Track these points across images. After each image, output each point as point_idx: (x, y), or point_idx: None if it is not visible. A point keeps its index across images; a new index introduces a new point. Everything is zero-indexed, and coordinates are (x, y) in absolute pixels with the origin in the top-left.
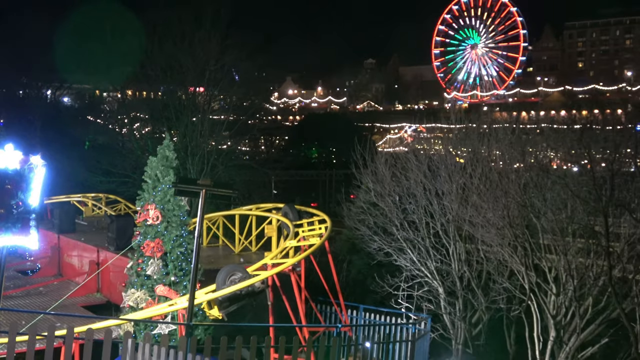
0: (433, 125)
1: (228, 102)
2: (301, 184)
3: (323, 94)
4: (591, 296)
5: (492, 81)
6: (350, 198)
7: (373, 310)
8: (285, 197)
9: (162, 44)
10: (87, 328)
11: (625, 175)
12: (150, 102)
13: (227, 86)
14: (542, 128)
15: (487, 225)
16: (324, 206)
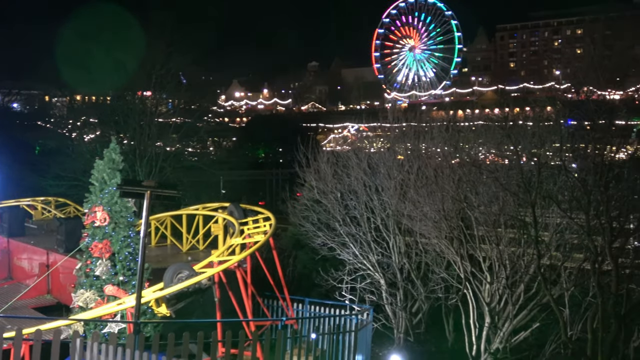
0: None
1: (176, 105)
2: (249, 184)
3: (269, 96)
4: (523, 283)
5: (429, 82)
6: (297, 196)
7: (318, 303)
8: (233, 197)
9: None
10: (36, 329)
11: (552, 168)
12: (99, 107)
13: (174, 90)
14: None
15: (425, 218)
16: (271, 204)
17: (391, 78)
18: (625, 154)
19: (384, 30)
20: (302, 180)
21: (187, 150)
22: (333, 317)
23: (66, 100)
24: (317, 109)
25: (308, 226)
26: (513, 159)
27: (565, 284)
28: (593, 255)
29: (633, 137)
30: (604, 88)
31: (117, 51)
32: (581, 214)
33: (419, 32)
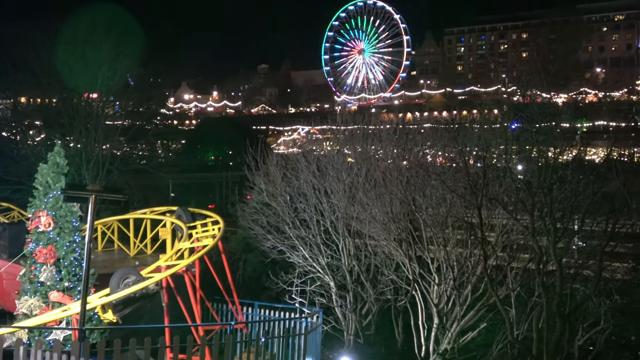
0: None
1: (123, 107)
2: (198, 187)
3: (218, 99)
4: (470, 284)
5: (378, 84)
6: (247, 199)
7: (268, 307)
8: (182, 200)
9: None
10: None
11: (498, 170)
12: (44, 109)
13: (121, 92)
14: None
15: (373, 221)
16: (221, 207)
17: (341, 81)
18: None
19: (334, 33)
20: (252, 184)
21: (135, 153)
22: (283, 320)
23: (10, 102)
24: (267, 112)
25: (257, 229)
26: (460, 161)
27: (511, 285)
28: (538, 256)
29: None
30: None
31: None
32: (526, 215)
33: (368, 36)
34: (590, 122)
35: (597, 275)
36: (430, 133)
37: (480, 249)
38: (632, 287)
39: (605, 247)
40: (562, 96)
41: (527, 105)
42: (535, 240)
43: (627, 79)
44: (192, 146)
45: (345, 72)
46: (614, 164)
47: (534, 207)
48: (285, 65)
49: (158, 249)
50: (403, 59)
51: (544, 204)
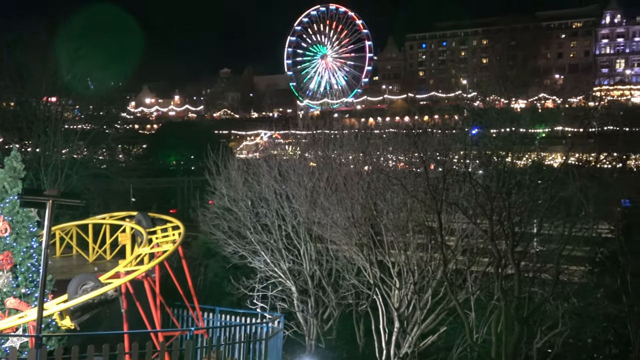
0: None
1: (83, 111)
2: (160, 192)
3: (180, 103)
4: (431, 288)
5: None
6: (208, 204)
7: (229, 312)
8: (143, 205)
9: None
10: None
11: (458, 175)
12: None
13: (81, 95)
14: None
15: (335, 226)
16: (183, 212)
17: (303, 85)
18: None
19: (296, 38)
20: (213, 188)
21: (95, 157)
22: (244, 325)
23: None
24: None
25: (219, 234)
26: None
27: (471, 288)
28: (496, 260)
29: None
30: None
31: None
32: (485, 220)
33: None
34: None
35: (554, 278)
36: (392, 138)
37: (440, 253)
38: (588, 290)
39: (562, 251)
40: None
41: (486, 110)
42: (494, 244)
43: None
44: (153, 150)
45: (307, 77)
46: (571, 169)
47: (493, 212)
48: (247, 70)
49: (117, 255)
50: (365, 64)
51: (503, 209)
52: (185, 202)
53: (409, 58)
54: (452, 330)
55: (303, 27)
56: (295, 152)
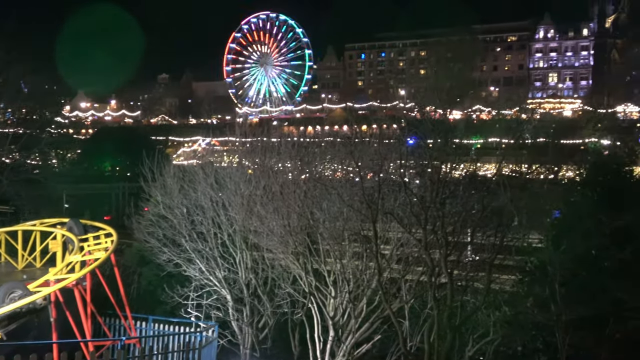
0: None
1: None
2: (94, 198)
3: (117, 108)
4: (365, 297)
5: (280, 97)
6: (144, 211)
7: (162, 321)
8: (76, 212)
9: None
10: None
11: (394, 185)
12: None
13: (13, 98)
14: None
15: (271, 234)
16: (117, 219)
17: (243, 93)
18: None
19: (236, 45)
20: (148, 195)
21: (27, 162)
22: (177, 334)
23: None
24: (167, 122)
25: (153, 242)
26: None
27: (405, 297)
28: (430, 269)
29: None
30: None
31: None
32: (420, 229)
33: (271, 48)
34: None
35: (486, 287)
36: (329, 147)
37: (375, 262)
38: (519, 299)
39: (493, 260)
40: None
41: (422, 121)
42: (427, 253)
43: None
44: (88, 156)
45: (247, 84)
46: (502, 180)
47: (427, 221)
48: (186, 76)
49: (48, 262)
50: (305, 72)
51: (437, 218)
52: (120, 209)
53: (348, 67)
54: (387, 339)
55: (243, 34)
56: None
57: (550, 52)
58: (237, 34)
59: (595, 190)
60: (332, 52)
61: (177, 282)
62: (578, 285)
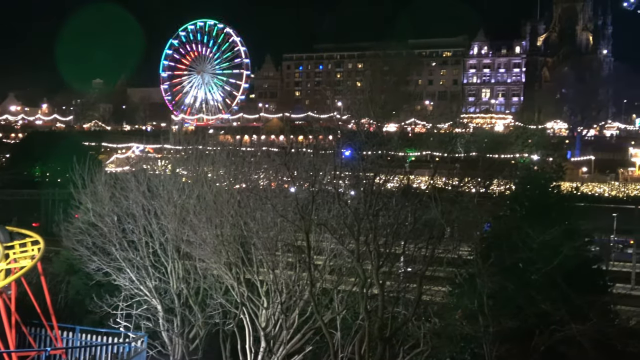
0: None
1: None
2: (22, 204)
3: (48, 112)
4: (298, 308)
5: (217, 105)
6: (73, 218)
7: (90, 331)
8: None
9: None
10: None
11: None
12: None
13: None
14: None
15: (204, 244)
16: (46, 226)
17: (179, 100)
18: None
19: (173, 52)
20: (78, 202)
21: None
22: (105, 345)
23: None
24: (100, 128)
25: (82, 250)
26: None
27: (337, 308)
28: (362, 280)
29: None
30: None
31: None
32: (353, 241)
33: (208, 56)
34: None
35: (416, 299)
36: (265, 157)
37: (308, 272)
38: (448, 311)
39: (425, 272)
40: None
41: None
42: (359, 265)
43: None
44: (17, 161)
45: (183, 92)
46: (434, 193)
47: (360, 233)
48: (121, 81)
49: None
50: (242, 81)
51: (370, 230)
52: (50, 215)
53: (285, 77)
54: (318, 350)
55: (180, 40)
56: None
57: (483, 68)
58: (174, 40)
59: (523, 204)
60: (270, 62)
61: (106, 292)
62: (505, 298)
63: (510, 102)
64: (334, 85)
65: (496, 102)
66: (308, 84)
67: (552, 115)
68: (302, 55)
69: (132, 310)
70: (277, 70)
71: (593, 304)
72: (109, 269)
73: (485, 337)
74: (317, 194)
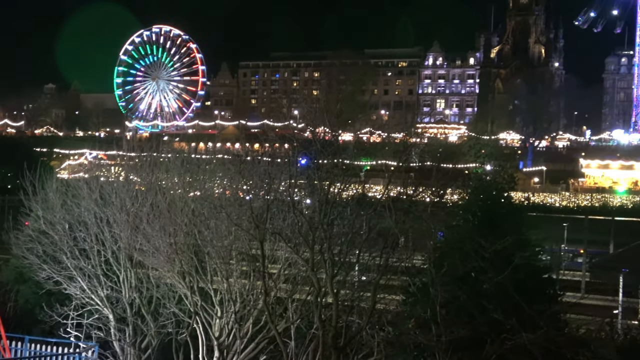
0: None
1: None
2: None
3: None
4: (252, 317)
5: (172, 112)
6: (23, 225)
7: (39, 341)
8: None
9: None
10: None
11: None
12: None
13: None
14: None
15: (157, 252)
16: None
17: (133, 106)
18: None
19: (127, 58)
20: (28, 210)
21: None
22: (55, 355)
23: None
24: (52, 134)
25: (32, 258)
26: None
27: (292, 317)
28: (316, 289)
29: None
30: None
31: None
32: (308, 249)
33: (164, 63)
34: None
35: (370, 307)
36: (220, 165)
37: (262, 281)
38: (402, 320)
39: (379, 281)
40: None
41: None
42: (314, 273)
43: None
44: None
45: (138, 98)
46: (388, 203)
47: (315, 242)
48: (74, 87)
49: None
50: (198, 88)
51: (324, 239)
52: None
53: (242, 85)
54: (272, 359)
55: (135, 46)
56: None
57: (438, 79)
58: (129, 46)
59: (476, 214)
60: (226, 69)
61: (56, 301)
62: (458, 307)
63: (464, 113)
64: (290, 94)
65: (450, 112)
66: (264, 92)
67: (505, 126)
68: (259, 63)
69: (83, 320)
70: (234, 78)
71: (543, 313)
72: (60, 277)
73: (438, 346)
74: (272, 203)
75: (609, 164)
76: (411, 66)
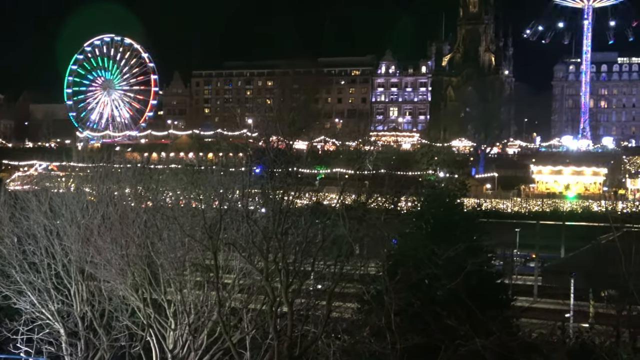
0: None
1: None
2: None
3: None
4: (206, 328)
5: (124, 122)
6: None
7: None
8: None
9: None
10: None
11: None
12: None
13: None
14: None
15: (109, 265)
16: None
17: (84, 116)
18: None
19: (78, 67)
20: None
21: None
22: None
23: None
24: (1, 145)
25: None
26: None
27: (247, 328)
28: (271, 299)
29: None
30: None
31: None
32: (262, 259)
33: (115, 72)
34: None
35: (325, 316)
36: (172, 175)
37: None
38: (357, 328)
39: (333, 289)
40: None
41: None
42: (268, 283)
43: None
44: None
45: (89, 108)
46: (341, 211)
47: (269, 251)
48: (23, 97)
49: None
50: (150, 97)
51: (279, 249)
52: None
53: (194, 94)
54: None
55: (86, 56)
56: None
57: (391, 87)
58: (80, 55)
59: (428, 222)
60: (178, 78)
61: (5, 315)
62: (412, 314)
63: (417, 121)
64: (243, 103)
65: (403, 120)
66: (217, 101)
67: (457, 134)
68: (212, 72)
69: (34, 335)
70: (186, 87)
71: (496, 318)
72: (9, 292)
73: (392, 354)
74: (226, 213)
75: (560, 170)
76: (364, 74)
